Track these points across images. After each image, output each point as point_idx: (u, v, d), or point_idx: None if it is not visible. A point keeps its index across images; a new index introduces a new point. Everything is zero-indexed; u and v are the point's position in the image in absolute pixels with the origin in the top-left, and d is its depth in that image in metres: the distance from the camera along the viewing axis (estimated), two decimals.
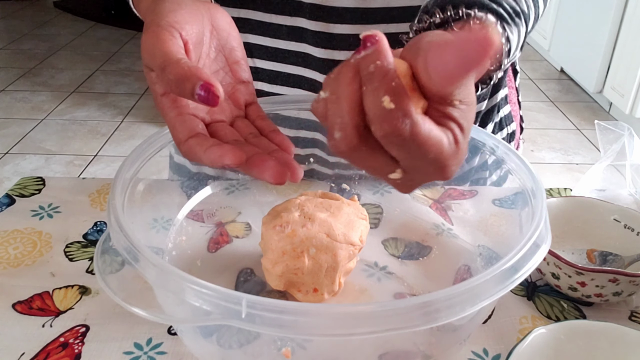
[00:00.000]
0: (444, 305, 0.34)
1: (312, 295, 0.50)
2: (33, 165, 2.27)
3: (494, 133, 0.74)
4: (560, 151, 2.46)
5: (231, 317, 0.34)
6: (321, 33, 0.59)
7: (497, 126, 0.74)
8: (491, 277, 0.36)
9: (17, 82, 3.04)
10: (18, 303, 0.51)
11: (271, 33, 0.61)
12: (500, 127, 0.74)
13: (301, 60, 0.62)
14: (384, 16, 0.58)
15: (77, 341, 0.47)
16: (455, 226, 0.60)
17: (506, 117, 0.75)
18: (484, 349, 0.47)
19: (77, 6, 4.22)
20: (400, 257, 0.57)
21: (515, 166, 0.50)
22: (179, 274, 0.36)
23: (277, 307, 0.34)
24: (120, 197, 0.43)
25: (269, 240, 0.50)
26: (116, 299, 0.38)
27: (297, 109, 0.62)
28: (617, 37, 2.63)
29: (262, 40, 0.62)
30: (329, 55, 0.60)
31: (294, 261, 0.48)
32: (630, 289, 0.50)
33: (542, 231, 0.41)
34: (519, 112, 0.78)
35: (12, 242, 0.58)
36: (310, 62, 0.61)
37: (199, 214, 0.60)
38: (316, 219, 0.50)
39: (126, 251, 0.38)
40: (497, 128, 0.74)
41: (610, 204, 0.58)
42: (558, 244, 0.57)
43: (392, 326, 0.34)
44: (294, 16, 0.59)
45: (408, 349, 0.46)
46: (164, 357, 0.46)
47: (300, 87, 0.64)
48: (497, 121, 0.74)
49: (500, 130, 0.74)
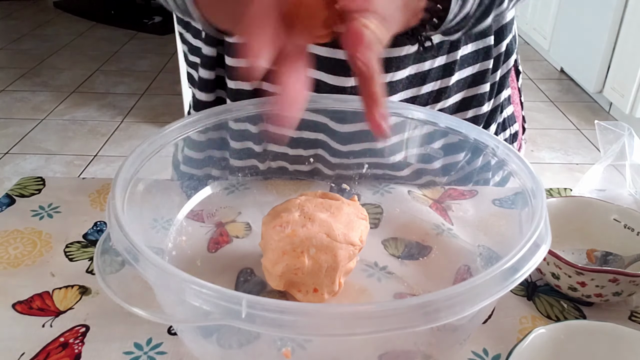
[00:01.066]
0: (444, 306, 0.34)
1: (312, 295, 0.50)
2: (33, 165, 2.27)
3: (497, 134, 0.74)
4: (560, 151, 2.46)
5: (231, 317, 0.34)
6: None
7: (500, 127, 0.74)
8: (491, 277, 0.36)
9: (17, 82, 3.04)
10: (18, 303, 0.51)
11: None
12: (503, 128, 0.74)
13: None
14: None
15: (77, 341, 0.47)
16: (455, 226, 0.60)
17: (509, 117, 0.75)
18: (484, 349, 0.47)
19: (77, 6, 4.22)
20: (400, 257, 0.57)
21: (515, 166, 0.50)
22: (178, 274, 0.36)
23: (277, 307, 0.34)
24: (120, 197, 0.43)
25: (269, 240, 0.50)
26: (116, 299, 0.38)
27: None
28: (617, 37, 2.63)
29: None
30: (334, 54, 0.60)
31: (294, 261, 0.48)
32: (630, 289, 0.50)
33: (542, 231, 0.41)
34: (521, 113, 0.78)
35: (12, 242, 0.59)
36: (315, 62, 0.61)
37: (199, 214, 0.60)
38: (316, 219, 0.50)
39: (126, 251, 0.38)
40: (500, 129, 0.74)
41: (610, 204, 0.58)
42: (558, 244, 0.57)
43: (392, 326, 0.34)
44: None
45: (408, 348, 0.46)
46: (164, 357, 0.46)
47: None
48: (500, 122, 0.74)
49: (504, 131, 0.74)
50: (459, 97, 0.67)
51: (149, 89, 3.01)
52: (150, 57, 3.46)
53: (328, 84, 0.61)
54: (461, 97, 0.67)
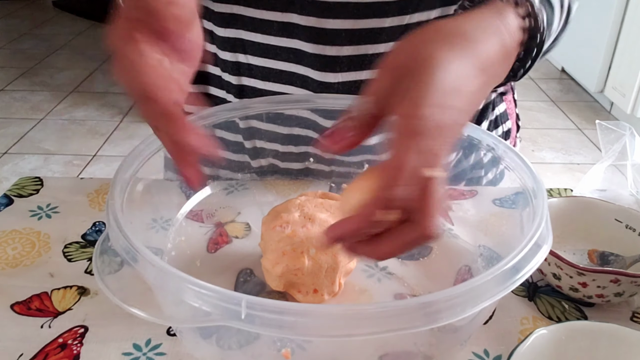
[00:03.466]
0: (445, 306, 0.34)
1: (312, 296, 0.50)
2: (32, 165, 2.27)
3: (489, 131, 0.73)
4: (561, 151, 2.46)
5: (231, 317, 0.34)
6: (313, 28, 0.59)
7: (492, 124, 0.73)
8: (492, 277, 0.36)
9: (15, 81, 3.04)
10: (16, 304, 0.51)
11: (263, 29, 0.61)
12: (495, 125, 0.74)
13: (293, 57, 0.62)
14: (375, 11, 0.58)
15: (76, 342, 0.47)
16: (456, 226, 0.60)
17: (501, 115, 0.74)
18: (484, 350, 0.47)
19: (76, 6, 4.22)
20: (400, 257, 0.57)
21: (516, 166, 0.50)
22: (178, 275, 0.35)
23: (276, 308, 0.34)
24: (119, 197, 0.43)
25: (269, 241, 0.50)
26: (115, 300, 0.38)
27: (295, 108, 0.62)
28: (618, 36, 2.63)
29: (253, 37, 0.62)
30: (320, 50, 0.60)
31: (294, 262, 0.48)
32: (631, 290, 0.49)
33: (544, 231, 0.40)
34: (514, 110, 0.78)
35: (10, 243, 0.58)
36: (302, 58, 0.61)
37: (198, 214, 0.60)
38: (316, 219, 0.50)
39: (125, 251, 0.38)
40: (492, 126, 0.73)
41: (612, 204, 0.58)
42: (559, 245, 0.57)
43: (393, 327, 0.34)
44: (285, 12, 0.59)
45: (409, 349, 0.45)
46: (163, 358, 0.46)
47: (293, 83, 0.64)
48: (492, 119, 0.73)
49: (495, 128, 0.74)
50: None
51: None
52: None
53: (315, 80, 0.62)
54: None
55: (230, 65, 0.65)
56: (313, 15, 0.58)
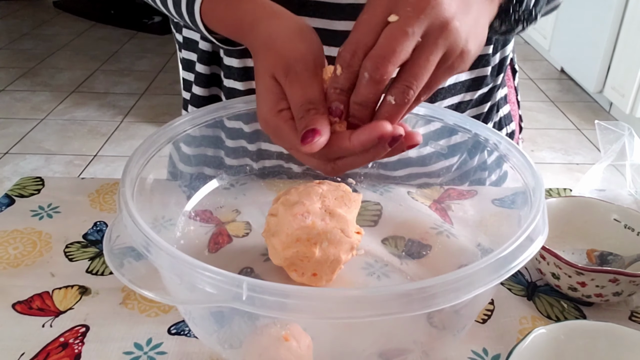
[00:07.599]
0: (440, 291, 0.35)
1: (308, 278, 0.51)
2: (33, 165, 2.27)
3: None
4: (560, 151, 2.46)
5: (233, 299, 0.34)
6: (323, 30, 0.59)
7: (497, 126, 0.74)
8: (486, 265, 0.36)
9: (16, 82, 3.04)
10: (18, 303, 0.51)
11: None
12: (499, 127, 0.74)
13: None
14: None
15: (77, 341, 0.47)
16: (455, 226, 0.60)
17: (505, 116, 0.75)
18: (483, 349, 0.47)
19: (77, 6, 4.22)
20: (400, 255, 0.57)
21: (518, 162, 0.50)
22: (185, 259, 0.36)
23: (277, 290, 0.34)
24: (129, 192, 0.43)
25: (286, 224, 0.50)
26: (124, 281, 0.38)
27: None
28: (617, 36, 2.63)
29: None
30: (329, 52, 0.60)
31: (306, 250, 0.49)
32: (630, 289, 0.50)
33: (539, 223, 0.41)
34: (518, 112, 0.78)
35: (11, 242, 0.58)
36: None
37: (198, 213, 0.60)
38: (335, 214, 0.51)
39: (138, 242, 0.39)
40: (497, 128, 0.74)
41: (611, 204, 0.58)
42: (558, 244, 0.57)
43: (391, 310, 0.35)
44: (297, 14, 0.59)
45: (407, 347, 0.46)
46: (164, 357, 0.46)
47: None
48: (497, 121, 0.74)
49: (500, 130, 0.75)
50: (456, 100, 0.67)
51: (148, 89, 3.01)
52: (149, 56, 3.46)
53: None
54: (458, 100, 0.67)
55: (235, 71, 0.65)
56: (324, 17, 0.58)
